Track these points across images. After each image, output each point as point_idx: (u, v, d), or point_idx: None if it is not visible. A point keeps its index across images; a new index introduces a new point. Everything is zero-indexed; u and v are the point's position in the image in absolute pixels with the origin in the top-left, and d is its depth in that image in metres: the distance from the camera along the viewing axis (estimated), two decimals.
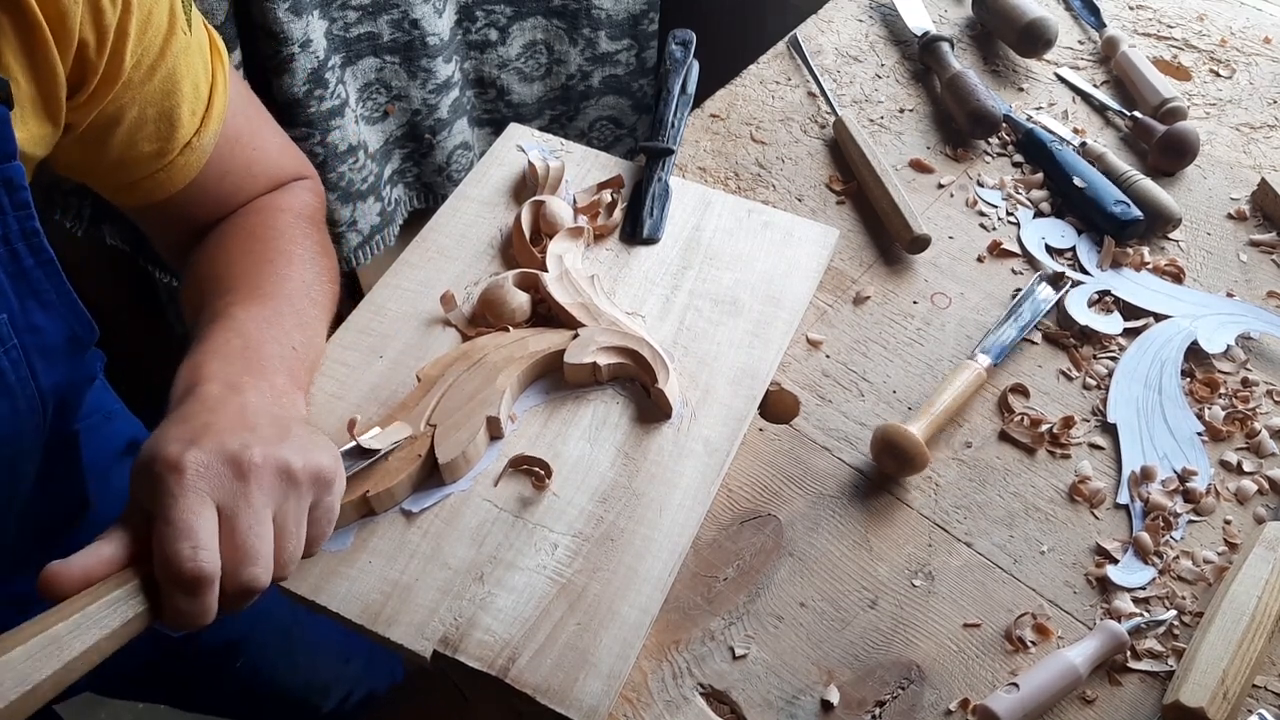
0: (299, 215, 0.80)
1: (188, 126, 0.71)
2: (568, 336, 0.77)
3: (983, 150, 1.01)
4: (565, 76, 1.59)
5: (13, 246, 0.62)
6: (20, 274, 0.63)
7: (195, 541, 0.53)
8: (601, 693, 0.62)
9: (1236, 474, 0.77)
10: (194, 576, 0.53)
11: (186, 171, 0.73)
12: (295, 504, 0.59)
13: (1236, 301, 0.88)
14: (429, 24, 1.36)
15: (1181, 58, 1.11)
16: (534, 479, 0.72)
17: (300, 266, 0.76)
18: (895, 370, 0.83)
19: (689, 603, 0.69)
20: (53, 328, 0.67)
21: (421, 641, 0.64)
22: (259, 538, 0.56)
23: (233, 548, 0.55)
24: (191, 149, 0.72)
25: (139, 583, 0.55)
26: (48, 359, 0.68)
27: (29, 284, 0.64)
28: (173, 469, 0.55)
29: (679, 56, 0.99)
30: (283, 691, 1.17)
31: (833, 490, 0.75)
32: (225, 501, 0.56)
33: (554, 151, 0.94)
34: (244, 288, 0.72)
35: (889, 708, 0.65)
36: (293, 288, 0.74)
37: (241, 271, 0.74)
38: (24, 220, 0.62)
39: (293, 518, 0.59)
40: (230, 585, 0.56)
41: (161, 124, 0.69)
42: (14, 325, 0.64)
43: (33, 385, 0.67)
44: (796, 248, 0.87)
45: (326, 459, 0.61)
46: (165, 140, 0.70)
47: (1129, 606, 0.69)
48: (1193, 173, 0.99)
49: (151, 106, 0.68)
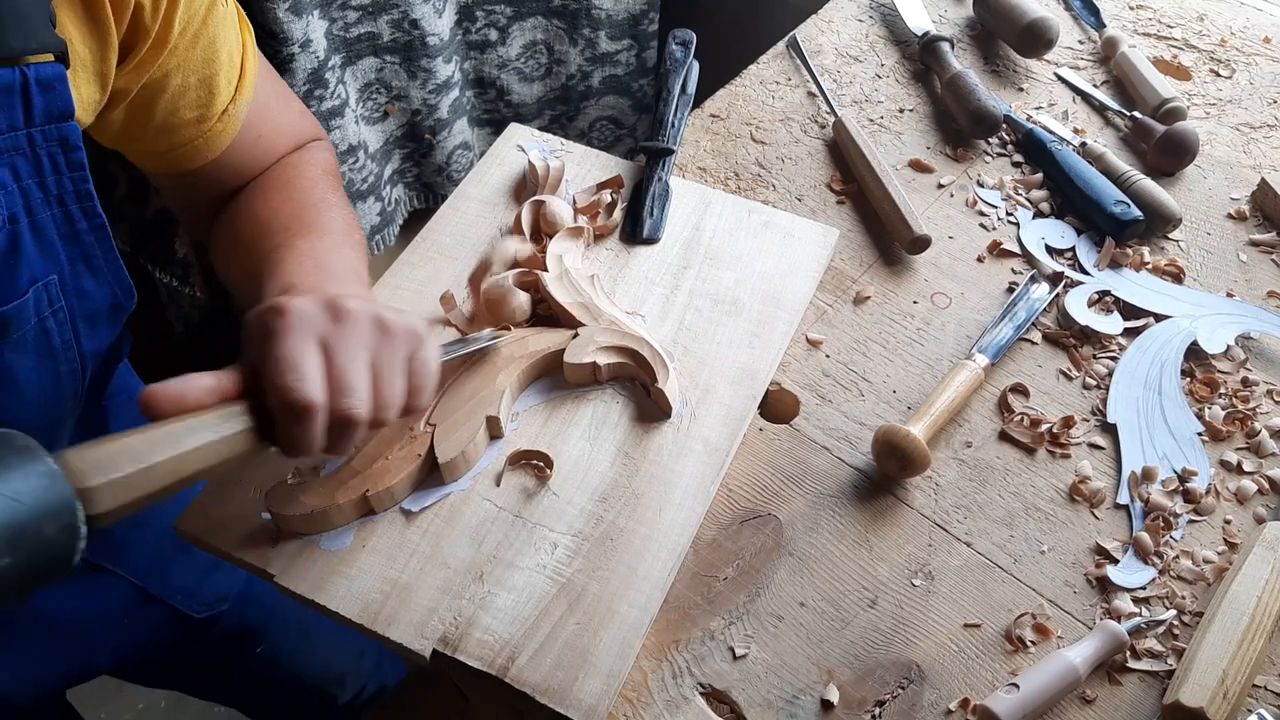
0: (324, 171, 0.82)
1: (224, 94, 0.72)
2: (568, 336, 0.77)
3: (983, 150, 1.01)
4: (565, 76, 1.59)
5: (67, 208, 0.64)
6: (73, 236, 0.65)
7: (300, 374, 0.58)
8: (601, 692, 0.62)
9: (1236, 474, 0.77)
10: (300, 403, 0.57)
11: (223, 139, 0.75)
12: (389, 351, 0.62)
13: (1236, 301, 0.88)
14: (429, 24, 1.37)
15: (1181, 58, 1.11)
16: (536, 471, 0.72)
17: (336, 212, 0.78)
18: (895, 370, 0.83)
19: (689, 602, 0.69)
20: (99, 293, 0.69)
21: (421, 641, 0.64)
22: (356, 373, 0.60)
23: (331, 379, 0.59)
24: (229, 116, 0.73)
25: (247, 405, 0.59)
26: (91, 324, 0.70)
27: (80, 247, 0.66)
28: (278, 314, 0.59)
29: (679, 56, 0.99)
30: (300, 679, 1.18)
31: (833, 490, 0.75)
32: (326, 339, 0.60)
33: (554, 151, 0.94)
34: (297, 226, 0.74)
35: (889, 707, 0.65)
36: (337, 227, 0.76)
37: (290, 213, 0.76)
38: (79, 182, 0.64)
39: (388, 364, 0.62)
40: (332, 415, 0.59)
41: (202, 91, 0.71)
42: (63, 288, 0.66)
43: (75, 349, 0.69)
44: (796, 248, 0.87)
45: (417, 321, 0.65)
46: (205, 107, 0.72)
47: (1129, 606, 0.69)
48: (1192, 173, 0.99)
49: (194, 74, 0.70)
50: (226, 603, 1.04)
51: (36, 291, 0.64)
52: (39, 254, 0.64)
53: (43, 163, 0.61)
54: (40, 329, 0.66)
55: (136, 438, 0.53)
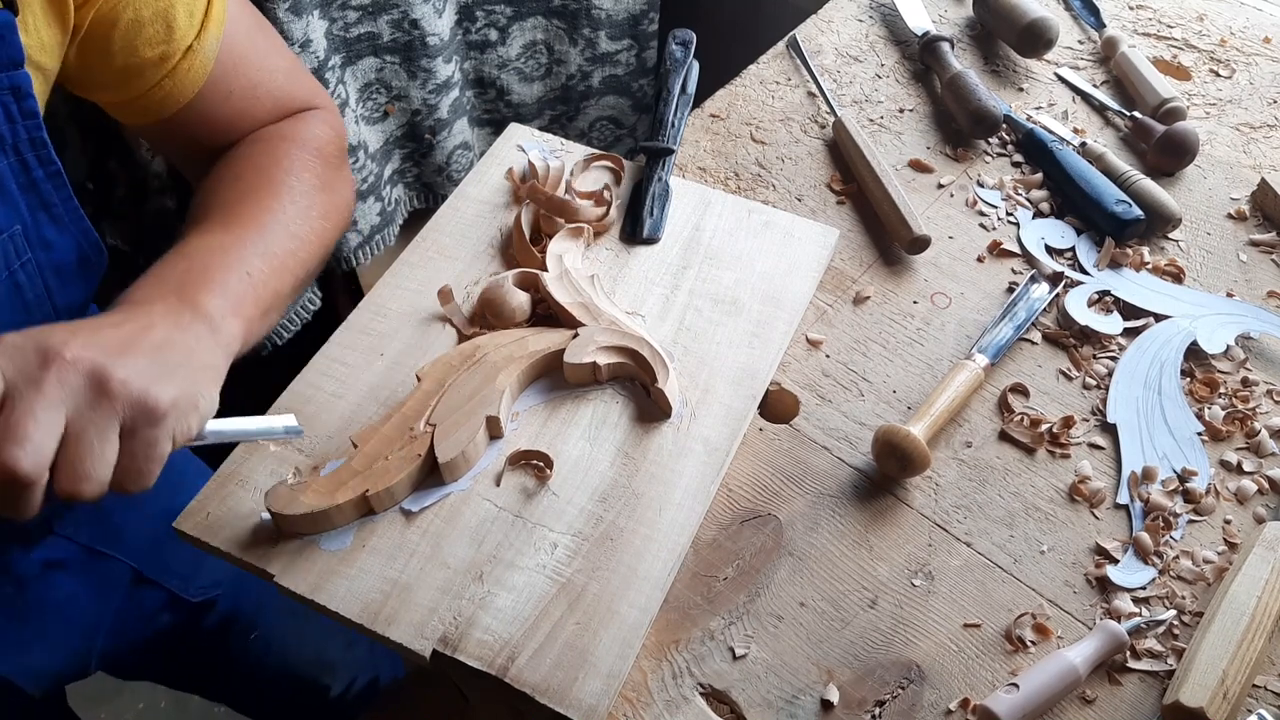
0: (303, 146, 0.79)
1: (184, 28, 0.70)
2: (568, 336, 0.77)
3: (983, 150, 1.01)
4: (565, 76, 1.59)
5: (22, 156, 0.63)
6: (31, 185, 0.64)
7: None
8: (601, 692, 0.62)
9: (1236, 474, 0.77)
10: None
11: (191, 80, 0.73)
12: (99, 416, 0.54)
13: (1236, 301, 0.88)
14: (429, 24, 1.36)
15: (1181, 58, 1.11)
16: (535, 471, 0.72)
17: (288, 198, 0.74)
18: (895, 370, 0.83)
19: (689, 602, 0.69)
20: (63, 244, 0.68)
21: (421, 641, 0.64)
22: (34, 422, 0.52)
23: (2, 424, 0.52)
24: (194, 52, 0.72)
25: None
26: (61, 278, 0.68)
27: (39, 195, 0.65)
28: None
29: (679, 56, 0.99)
30: (293, 668, 1.19)
31: (833, 490, 0.75)
32: (15, 381, 0.53)
33: (554, 151, 0.94)
34: (215, 217, 0.71)
35: (889, 707, 0.65)
36: (270, 219, 0.72)
37: (220, 202, 0.73)
38: (32, 130, 0.63)
39: (93, 428, 0.54)
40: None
41: (159, 25, 0.69)
42: (27, 239, 0.65)
43: (49, 304, 0.68)
44: (796, 248, 0.87)
45: (169, 394, 0.57)
46: (165, 43, 0.70)
47: (1129, 606, 0.69)
48: (1192, 173, 0.99)
49: (147, 8, 0.68)
50: (220, 587, 1.05)
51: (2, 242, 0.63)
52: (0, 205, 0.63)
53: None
54: (12, 283, 0.65)
55: None
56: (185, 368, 0.59)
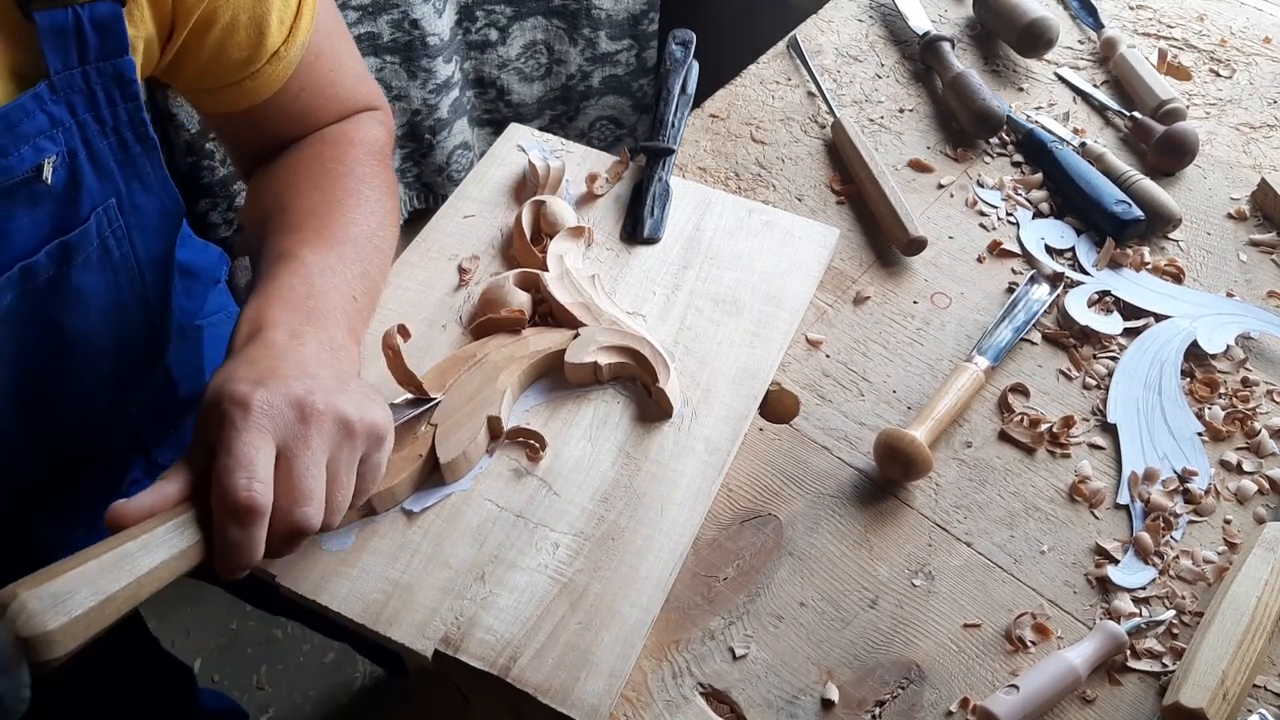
0: (370, 151, 0.81)
1: (275, 35, 0.72)
2: (568, 336, 0.77)
3: (982, 150, 1.01)
4: (565, 76, 1.59)
5: (122, 136, 0.66)
6: (128, 160, 0.67)
7: (251, 474, 0.55)
8: (603, 692, 0.62)
9: (1236, 474, 0.77)
10: (247, 506, 0.54)
11: (272, 82, 0.74)
12: (349, 454, 0.60)
13: (1236, 301, 0.88)
14: (429, 24, 1.37)
15: (1181, 58, 1.11)
16: (528, 451, 0.72)
17: (367, 209, 0.77)
18: (895, 370, 0.83)
19: (689, 602, 0.70)
20: (149, 205, 0.71)
21: (423, 641, 0.64)
22: (315, 479, 0.57)
23: (288, 486, 0.57)
24: (279, 58, 0.73)
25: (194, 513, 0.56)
26: (145, 234, 0.72)
27: (135, 168, 0.68)
28: (239, 405, 0.56)
29: (679, 56, 0.99)
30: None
31: (833, 490, 0.75)
32: (286, 441, 0.57)
33: (554, 151, 0.94)
34: (310, 227, 0.73)
35: (889, 707, 0.65)
36: (358, 232, 0.75)
37: (309, 209, 0.75)
38: (133, 111, 0.66)
39: (345, 467, 0.60)
40: (281, 523, 0.57)
41: (252, 30, 0.70)
42: (120, 208, 0.68)
43: (132, 259, 0.71)
44: (797, 247, 0.87)
45: (381, 416, 0.62)
46: (254, 48, 0.71)
47: (1129, 606, 0.70)
48: (1192, 173, 0.99)
49: (244, 12, 0.69)
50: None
51: (97, 215, 0.67)
52: (98, 182, 0.66)
53: (98, 97, 0.63)
54: (102, 248, 0.69)
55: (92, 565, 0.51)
56: (366, 391, 0.64)
